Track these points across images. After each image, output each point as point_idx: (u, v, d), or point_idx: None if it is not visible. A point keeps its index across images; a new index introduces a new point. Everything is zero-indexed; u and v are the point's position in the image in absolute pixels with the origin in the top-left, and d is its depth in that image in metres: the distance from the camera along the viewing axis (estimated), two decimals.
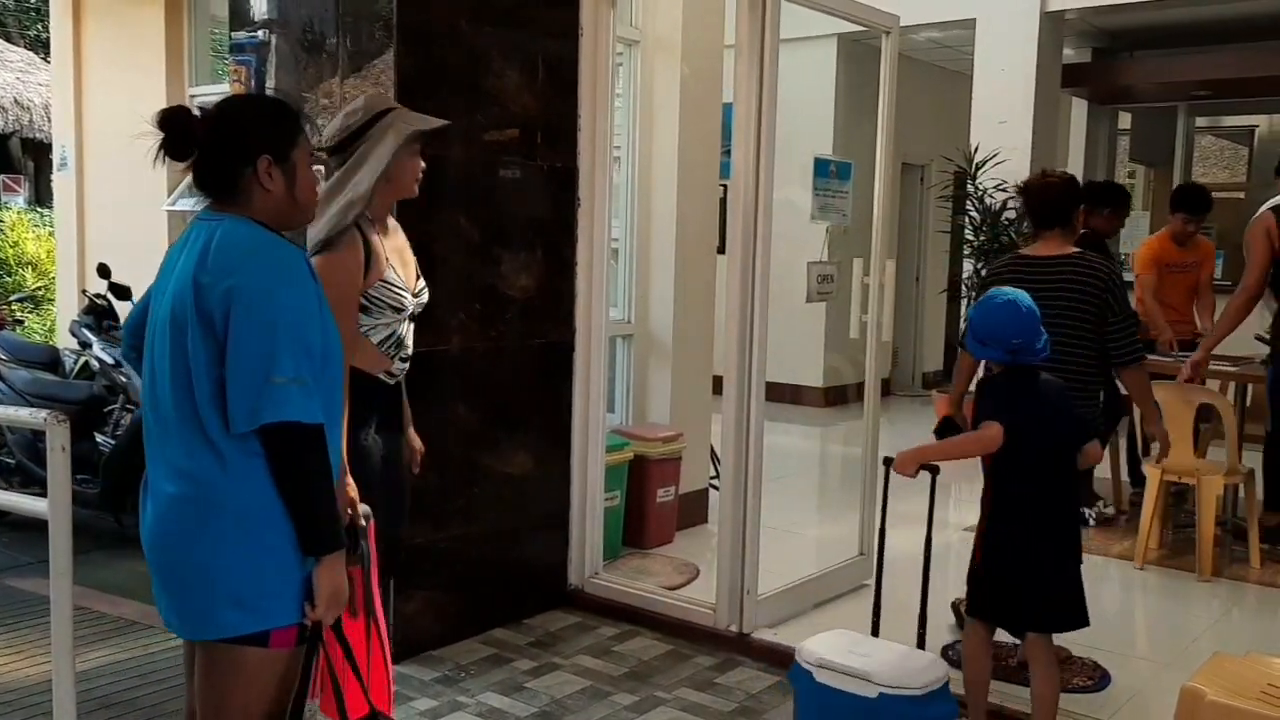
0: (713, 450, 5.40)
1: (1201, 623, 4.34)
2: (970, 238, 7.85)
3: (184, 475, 2.00)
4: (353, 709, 2.18)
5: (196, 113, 2.10)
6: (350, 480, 2.37)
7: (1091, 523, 5.39)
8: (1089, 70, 9.24)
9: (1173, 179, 9.90)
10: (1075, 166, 9.55)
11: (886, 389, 8.64)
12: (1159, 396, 4.69)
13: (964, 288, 7.94)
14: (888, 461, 3.18)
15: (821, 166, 4.10)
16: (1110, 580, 4.81)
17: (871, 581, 4.32)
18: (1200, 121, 10.48)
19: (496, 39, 3.88)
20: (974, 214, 7.92)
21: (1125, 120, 10.52)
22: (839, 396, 9.28)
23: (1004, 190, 7.87)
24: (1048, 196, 3.62)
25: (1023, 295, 3.00)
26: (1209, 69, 8.79)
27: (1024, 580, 2.98)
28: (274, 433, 1.95)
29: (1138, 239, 9.36)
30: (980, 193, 7.96)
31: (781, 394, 8.49)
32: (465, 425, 3.89)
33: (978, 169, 7.99)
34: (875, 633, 3.28)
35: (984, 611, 3.11)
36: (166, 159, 2.06)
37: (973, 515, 3.19)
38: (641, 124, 5.14)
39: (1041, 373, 3.01)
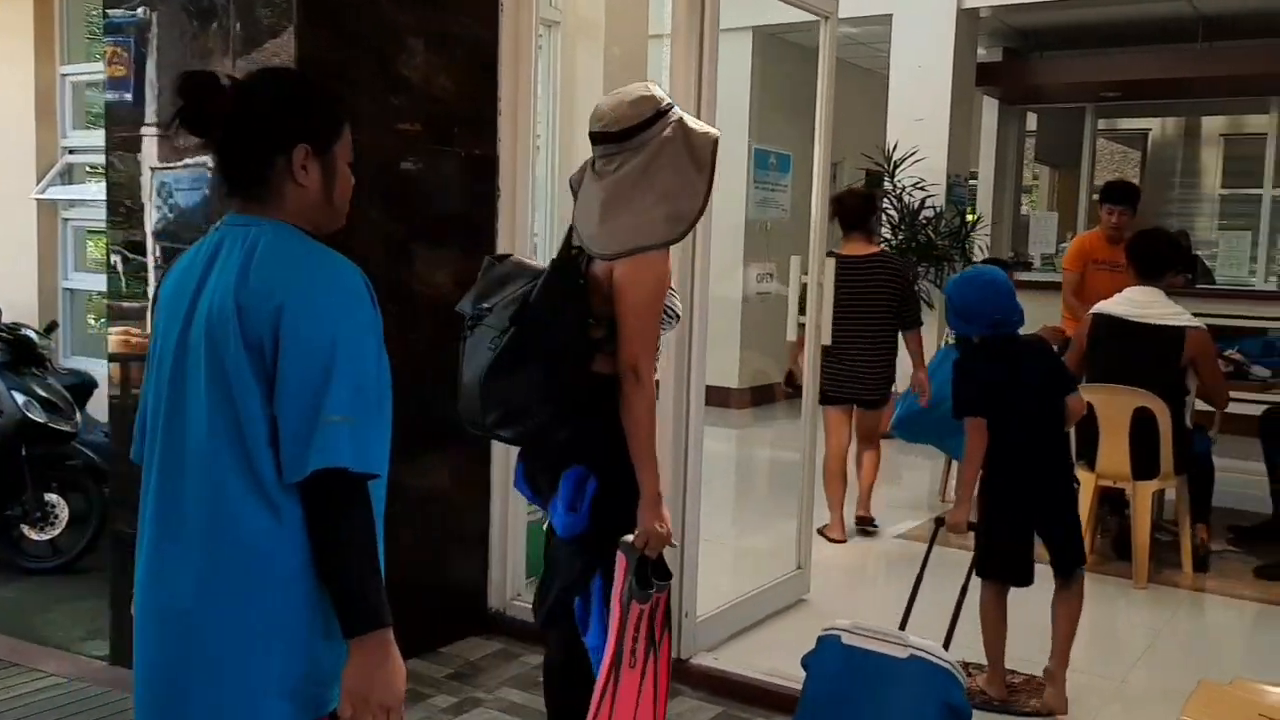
0: None
1: (1146, 633, 4.24)
2: (888, 235, 7.76)
3: (221, 536, 1.63)
4: None
5: (226, 82, 1.74)
6: (666, 511, 2.37)
7: None
8: (1001, 69, 9.26)
9: (1079, 180, 10.02)
10: (985, 166, 9.58)
11: (787, 389, 8.50)
12: (1094, 398, 4.61)
13: None
14: (939, 522, 3.34)
15: (761, 158, 3.86)
16: (1048, 590, 4.67)
17: (809, 596, 4.22)
18: (1100, 124, 10.64)
19: (411, 15, 3.55)
20: (892, 212, 7.84)
21: (1033, 121, 10.61)
22: (759, 397, 9.08)
23: (922, 189, 7.82)
24: (854, 205, 4.99)
25: (1000, 273, 3.42)
26: (1115, 70, 8.89)
27: (1029, 528, 3.32)
28: (318, 481, 1.60)
29: (1047, 240, 9.44)
30: (899, 190, 7.88)
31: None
32: None
33: (896, 167, 7.91)
34: None
35: (996, 572, 3.33)
36: (183, 131, 1.72)
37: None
38: (563, 112, 4.84)
39: (1019, 336, 3.35)
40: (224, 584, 1.62)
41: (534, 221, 4.05)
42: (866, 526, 5.36)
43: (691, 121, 2.40)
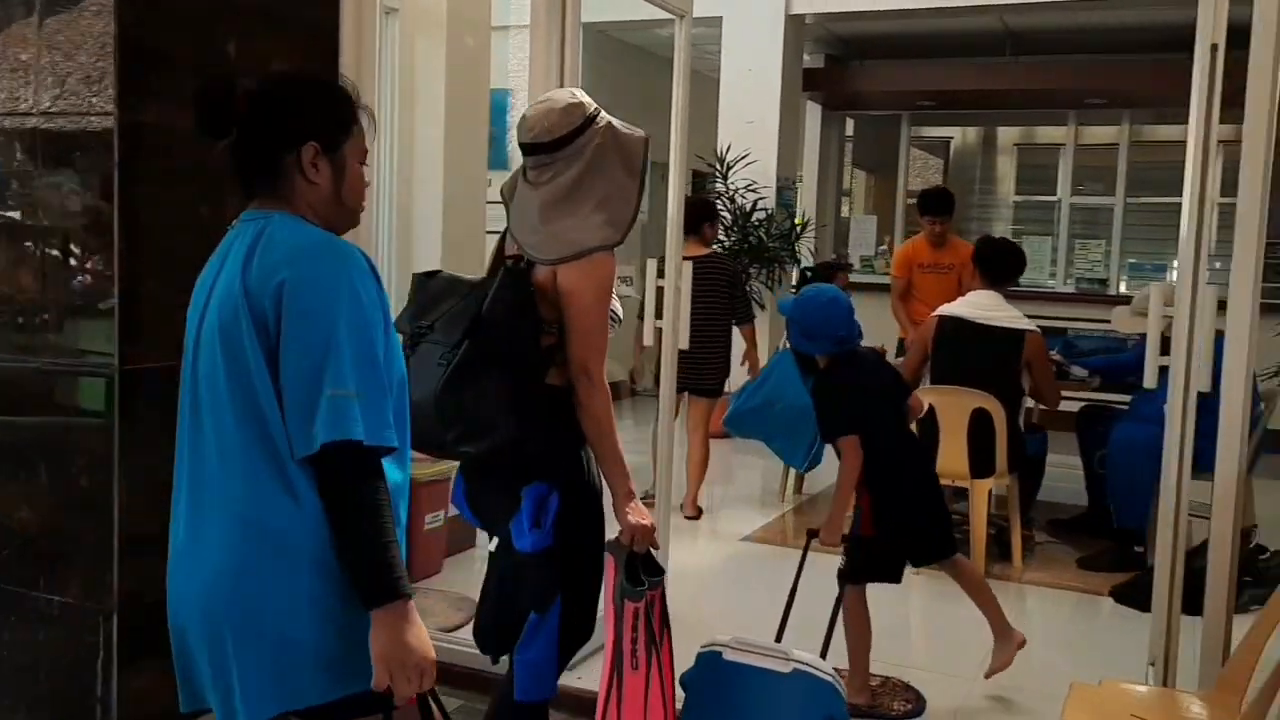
0: None
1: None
2: (721, 238, 7.80)
3: (250, 521, 1.66)
4: None
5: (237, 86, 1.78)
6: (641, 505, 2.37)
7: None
8: (824, 75, 9.48)
9: (896, 186, 10.39)
10: (809, 170, 9.80)
11: (633, 387, 8.46)
12: (934, 400, 4.73)
13: None
14: (812, 534, 3.34)
15: None
16: (886, 586, 4.76)
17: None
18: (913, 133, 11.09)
19: None
20: (725, 214, 7.88)
21: (852, 127, 10.93)
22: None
23: (754, 191, 7.90)
24: (688, 211, 4.93)
25: (838, 291, 3.47)
26: (930, 80, 9.26)
27: (921, 519, 3.43)
28: (330, 455, 1.60)
29: (867, 242, 9.73)
30: (731, 193, 7.94)
31: None
32: None
33: (729, 169, 7.96)
34: None
35: (873, 575, 3.41)
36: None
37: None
38: (401, 104, 4.59)
39: (859, 349, 3.45)
40: (255, 564, 1.65)
41: (378, 219, 3.80)
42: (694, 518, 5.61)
43: (620, 125, 2.39)
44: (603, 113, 2.40)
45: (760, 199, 7.90)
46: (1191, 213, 2.65)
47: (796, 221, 8.26)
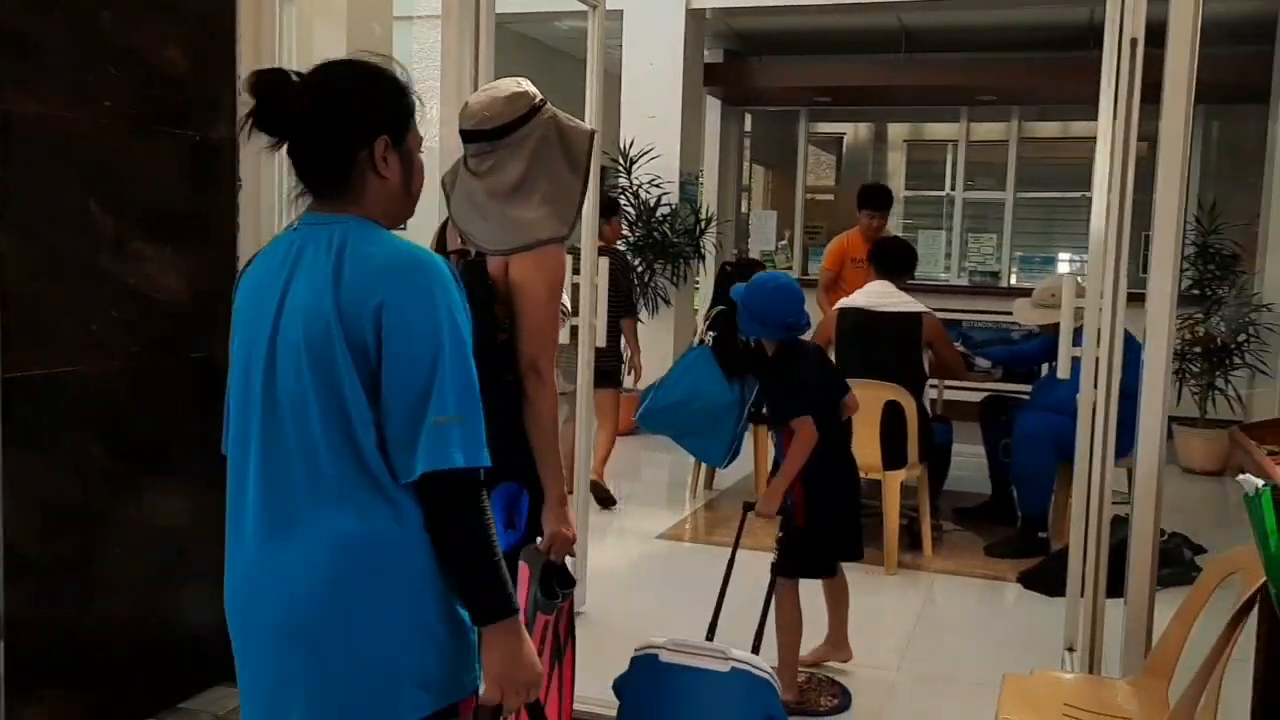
0: None
1: (908, 618, 4.40)
2: (626, 233, 7.74)
3: (348, 542, 1.61)
4: None
5: (294, 78, 1.66)
6: (571, 512, 2.34)
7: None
8: (723, 70, 9.50)
9: (795, 181, 10.48)
10: (710, 166, 9.80)
11: None
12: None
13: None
14: (748, 506, 3.36)
15: None
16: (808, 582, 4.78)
17: (586, 609, 4.07)
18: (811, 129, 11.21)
19: None
20: (629, 210, 7.82)
21: (750, 123, 10.99)
22: None
23: (658, 186, 7.87)
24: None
25: (789, 278, 3.51)
26: (827, 76, 9.35)
27: (850, 512, 3.54)
28: (434, 482, 1.59)
29: (767, 237, 9.79)
30: (635, 188, 7.89)
31: None
32: (101, 471, 3.03)
33: (632, 164, 7.90)
34: None
35: (809, 565, 3.46)
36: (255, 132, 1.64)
37: None
38: None
39: (803, 341, 3.51)
40: (351, 585, 1.61)
41: (282, 217, 3.62)
42: (602, 495, 5.66)
43: (564, 118, 2.35)
44: (549, 104, 2.35)
45: (664, 194, 7.86)
46: (1112, 207, 2.67)
47: (701, 217, 8.25)
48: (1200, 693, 2.09)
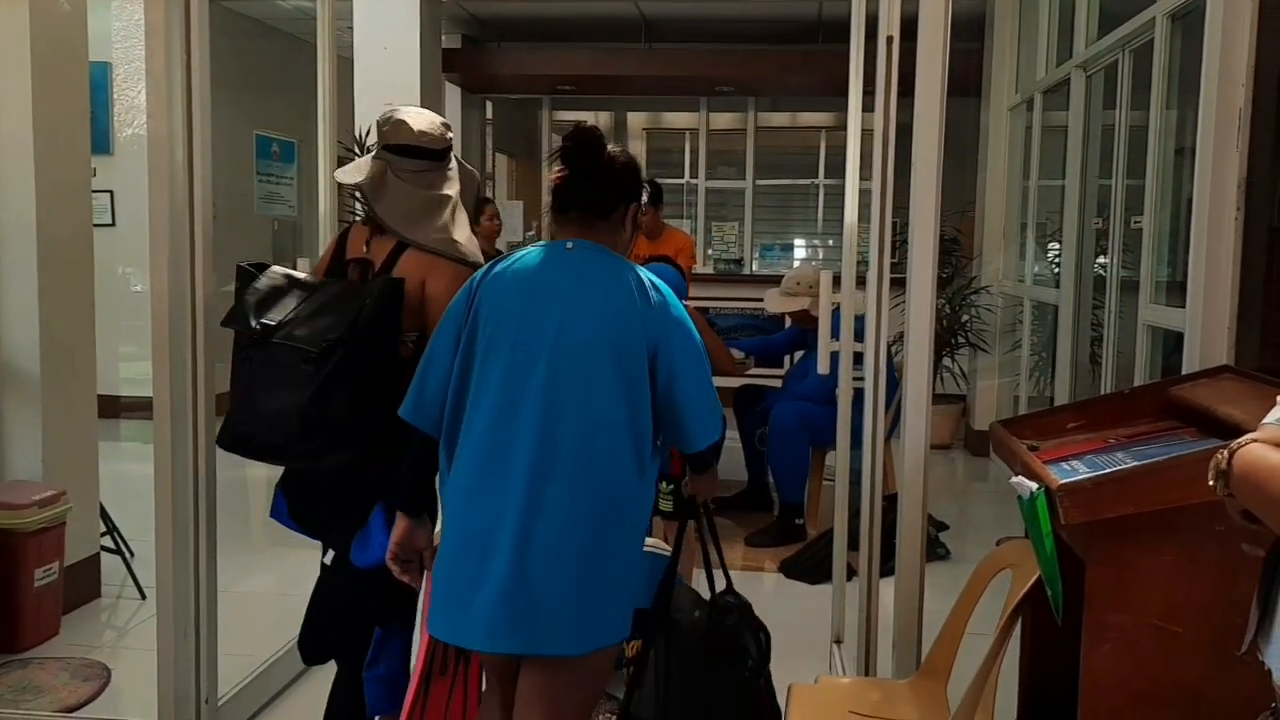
0: (102, 507, 4.28)
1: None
2: (359, 219, 7.33)
3: (608, 497, 2.04)
4: None
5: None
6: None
7: None
8: (463, 57, 9.20)
9: (539, 171, 10.33)
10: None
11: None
12: None
13: None
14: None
15: (263, 145, 3.28)
16: (792, 591, 4.64)
17: None
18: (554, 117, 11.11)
19: None
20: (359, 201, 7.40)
21: (491, 110, 10.74)
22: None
23: None
24: None
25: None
26: (569, 65, 9.25)
27: None
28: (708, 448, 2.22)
29: (515, 228, 9.60)
30: None
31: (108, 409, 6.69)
32: None
33: (368, 150, 7.48)
34: None
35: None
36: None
37: None
38: None
39: None
40: (591, 519, 2.03)
41: None
42: None
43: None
44: None
45: None
46: (875, 196, 2.69)
47: None
48: (979, 695, 2.09)
